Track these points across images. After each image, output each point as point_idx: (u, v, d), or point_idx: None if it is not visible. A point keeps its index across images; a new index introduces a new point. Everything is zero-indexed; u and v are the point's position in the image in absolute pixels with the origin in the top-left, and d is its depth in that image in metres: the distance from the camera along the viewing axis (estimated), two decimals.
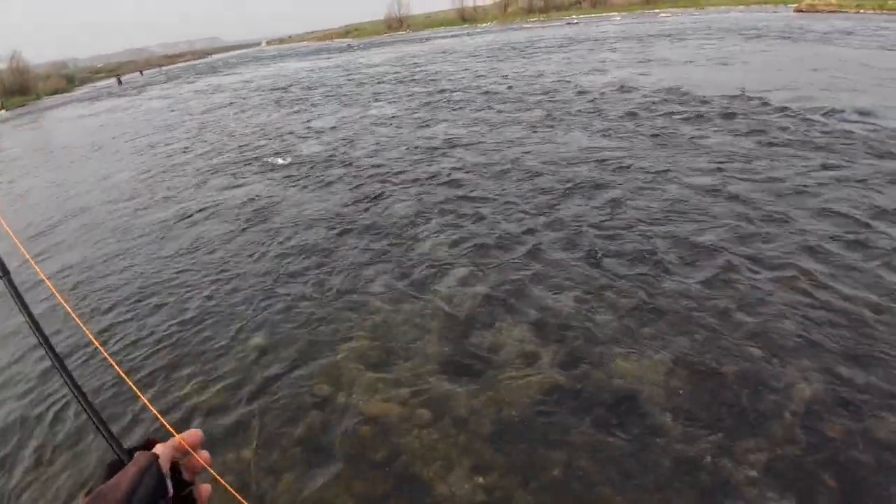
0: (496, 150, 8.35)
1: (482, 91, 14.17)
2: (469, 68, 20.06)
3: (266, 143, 11.58)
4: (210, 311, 4.62)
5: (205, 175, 9.53)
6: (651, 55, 17.63)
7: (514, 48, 26.42)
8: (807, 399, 2.88)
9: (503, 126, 9.98)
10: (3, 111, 37.53)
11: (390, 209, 6.45)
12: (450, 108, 12.44)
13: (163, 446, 0.59)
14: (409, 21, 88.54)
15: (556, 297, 4.12)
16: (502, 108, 11.57)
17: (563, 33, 33.47)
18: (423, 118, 11.77)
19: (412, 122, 11.54)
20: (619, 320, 3.74)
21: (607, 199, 5.87)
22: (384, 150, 9.32)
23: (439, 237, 5.47)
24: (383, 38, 68.37)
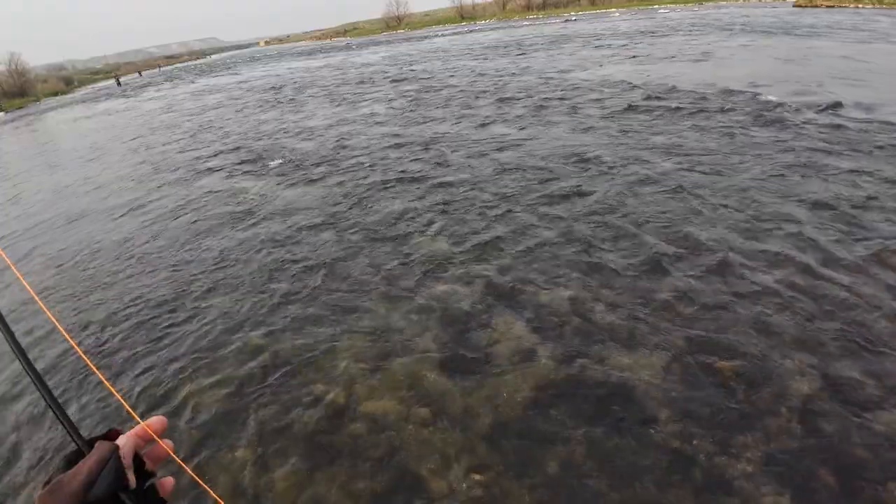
0: (490, 148, 8.34)
1: (476, 90, 14.14)
2: (465, 66, 20.02)
3: (261, 142, 11.57)
4: (204, 310, 4.62)
5: (200, 175, 9.53)
6: (653, 52, 17.60)
7: (510, 45, 26.36)
8: (803, 394, 2.88)
9: (497, 123, 9.96)
10: (2, 113, 37.52)
11: (385, 208, 6.44)
12: (443, 107, 12.42)
13: (125, 436, 0.57)
14: (407, 19, 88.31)
15: (552, 293, 4.12)
16: (499, 106, 11.55)
17: (560, 31, 33.37)
18: (419, 117, 11.74)
19: (407, 120, 11.52)
20: (615, 317, 3.73)
21: (602, 195, 5.86)
22: (378, 150, 9.31)
23: (435, 235, 5.47)
24: (381, 36, 68.20)
